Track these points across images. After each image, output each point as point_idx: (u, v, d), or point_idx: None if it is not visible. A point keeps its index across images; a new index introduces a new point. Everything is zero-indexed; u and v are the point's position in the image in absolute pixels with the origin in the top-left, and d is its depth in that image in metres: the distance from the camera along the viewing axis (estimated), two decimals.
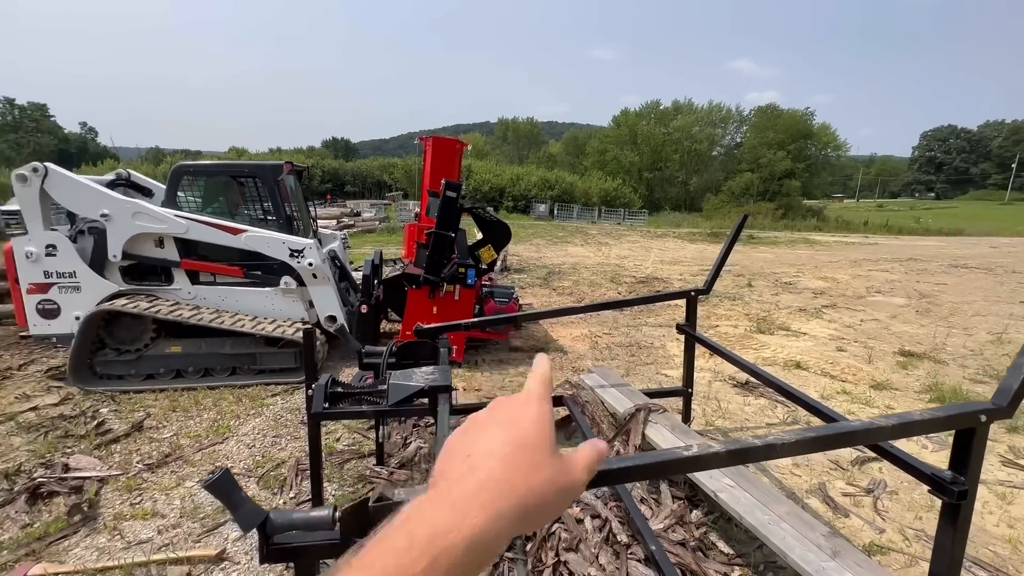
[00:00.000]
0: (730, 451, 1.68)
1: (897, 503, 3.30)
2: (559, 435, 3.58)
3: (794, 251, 19.14)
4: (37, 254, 4.98)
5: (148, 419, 4.31)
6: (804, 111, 51.25)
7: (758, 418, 4.53)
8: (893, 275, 13.10)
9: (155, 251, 5.25)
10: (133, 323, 5.02)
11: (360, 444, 3.91)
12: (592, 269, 13.23)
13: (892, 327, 7.88)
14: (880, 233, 30.34)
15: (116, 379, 5.02)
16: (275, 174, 5.35)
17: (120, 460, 3.68)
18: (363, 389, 2.69)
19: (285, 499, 3.24)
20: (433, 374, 2.76)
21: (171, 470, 3.57)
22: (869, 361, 6.13)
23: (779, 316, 8.36)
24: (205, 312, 5.08)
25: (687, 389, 3.98)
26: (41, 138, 65.76)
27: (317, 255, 5.24)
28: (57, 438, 3.98)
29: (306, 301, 5.49)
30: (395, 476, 3.46)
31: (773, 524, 2.33)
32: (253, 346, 5.13)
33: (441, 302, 5.37)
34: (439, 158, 8.01)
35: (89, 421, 4.26)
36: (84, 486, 3.30)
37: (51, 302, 5.09)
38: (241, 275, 5.37)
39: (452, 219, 5.25)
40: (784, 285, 11.45)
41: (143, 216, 5.06)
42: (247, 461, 3.70)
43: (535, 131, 68.83)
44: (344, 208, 25.44)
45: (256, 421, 4.32)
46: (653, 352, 6.45)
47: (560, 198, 39.71)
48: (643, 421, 3.35)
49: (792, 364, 5.97)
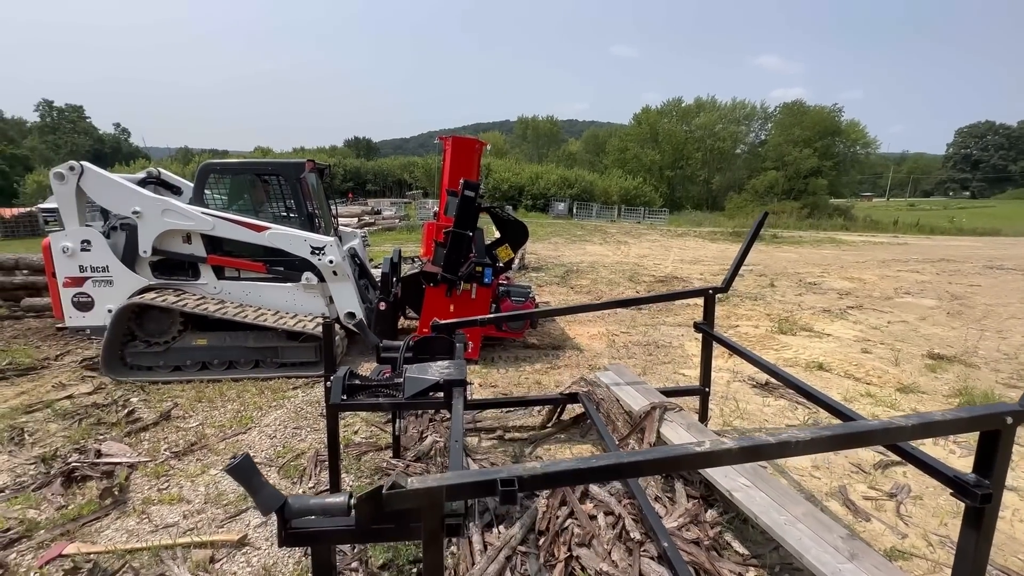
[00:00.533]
0: (743, 448, 1.67)
1: (921, 508, 3.22)
2: (575, 432, 3.58)
3: (819, 251, 18.68)
4: (73, 249, 5.20)
5: (175, 409, 4.47)
6: (832, 107, 49.91)
7: (777, 419, 4.45)
8: (924, 276, 12.68)
9: (183, 247, 5.43)
10: (161, 316, 5.20)
11: (377, 437, 3.98)
12: (611, 268, 13.15)
13: (921, 329, 7.64)
14: (911, 233, 29.36)
15: (145, 370, 5.21)
16: (297, 172, 5.47)
17: (149, 447, 3.82)
18: (380, 382, 2.74)
19: (304, 488, 3.32)
20: (448, 368, 2.80)
21: (196, 458, 3.69)
22: (896, 364, 5.96)
23: (802, 317, 8.19)
24: (230, 306, 5.23)
25: (704, 388, 3.94)
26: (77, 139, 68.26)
27: (337, 252, 5.34)
28: (90, 425, 4.15)
29: (326, 297, 5.60)
30: (411, 469, 3.51)
31: (789, 525, 2.30)
32: (275, 340, 5.26)
33: (458, 300, 5.42)
34: (459, 157, 8.09)
35: (120, 410, 4.44)
36: (115, 471, 3.44)
37: (85, 295, 5.31)
38: (264, 271, 5.51)
39: (470, 218, 5.30)
40: (808, 285, 11.20)
41: (172, 213, 5.23)
42: (268, 451, 3.80)
43: (555, 130, 68.51)
44: (365, 206, 25.78)
45: (278, 413, 4.44)
46: (671, 351, 6.39)
47: (579, 197, 39.51)
48: (658, 419, 3.33)
49: (814, 365, 5.84)
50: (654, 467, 1.73)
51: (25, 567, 2.61)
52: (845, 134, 50.03)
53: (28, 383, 5.09)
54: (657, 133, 53.47)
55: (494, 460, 3.64)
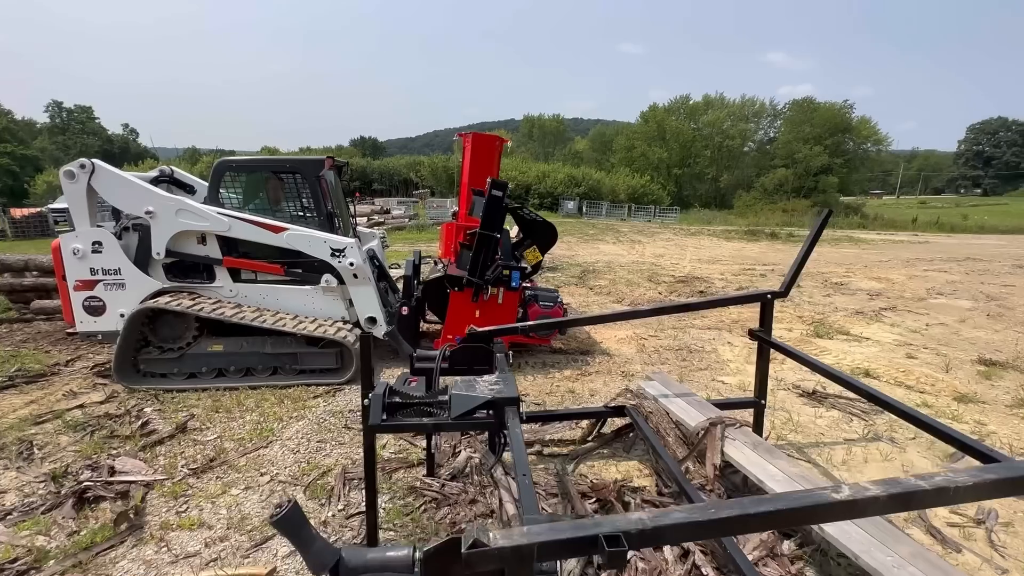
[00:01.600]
0: (891, 495, 1.37)
1: (1015, 537, 2.91)
2: (618, 446, 3.27)
3: (839, 250, 18.27)
4: (83, 251, 4.97)
5: (191, 420, 4.22)
6: (842, 104, 49.22)
7: (834, 432, 4.15)
8: (953, 276, 12.29)
9: (198, 248, 5.19)
10: (176, 321, 4.96)
11: (407, 452, 3.72)
12: (627, 268, 12.84)
13: (963, 332, 7.30)
14: (930, 231, 28.79)
15: (159, 377, 4.98)
16: (316, 169, 5.21)
17: (165, 463, 3.57)
18: (423, 400, 2.47)
19: (333, 511, 3.06)
20: (498, 384, 2.53)
21: (216, 476, 3.44)
22: (947, 370, 5.63)
23: (835, 319, 7.86)
24: (247, 311, 4.98)
25: (760, 401, 3.65)
26: (87, 139, 68.52)
27: (358, 255, 5.09)
28: (103, 438, 3.92)
29: (346, 300, 5.34)
30: (447, 489, 3.25)
31: (899, 568, 2.01)
32: (294, 345, 5.01)
33: (484, 305, 5.14)
34: (479, 155, 7.78)
35: (134, 421, 4.20)
36: (130, 491, 3.20)
37: (97, 299, 5.08)
38: (282, 273, 5.26)
39: (497, 219, 5.02)
40: (835, 286, 10.85)
41: (186, 213, 4.99)
42: (292, 468, 3.54)
43: (561, 128, 68.08)
44: (374, 206, 25.57)
45: (299, 424, 4.18)
46: (705, 357, 6.09)
47: (587, 195, 39.15)
48: (720, 437, 3.04)
49: (860, 372, 5.53)
50: (786, 519, 1.44)
51: None
52: (856, 131, 49.34)
53: (38, 391, 4.87)
54: (664, 131, 52.94)
55: (536, 479, 3.36)
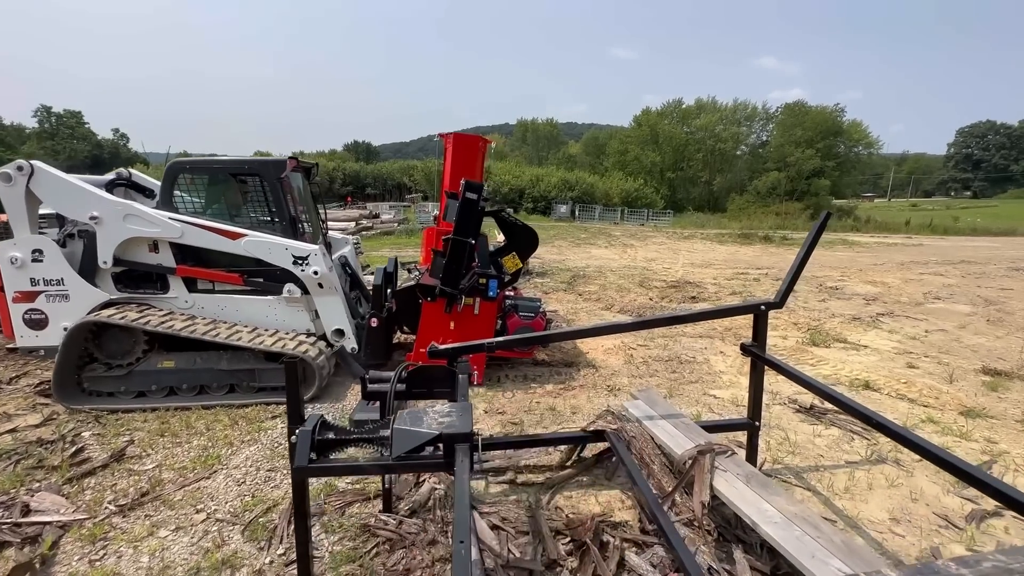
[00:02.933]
0: None
1: None
2: (599, 473, 2.90)
3: (833, 253, 18.05)
4: (22, 260, 4.57)
5: (131, 446, 3.83)
6: (833, 107, 49.38)
7: (834, 454, 3.82)
8: (949, 279, 12.05)
9: (149, 256, 4.80)
10: (122, 335, 4.57)
11: (365, 483, 3.34)
12: (618, 272, 12.52)
13: (964, 339, 7.02)
14: (923, 233, 28.72)
15: (106, 396, 4.59)
16: (278, 171, 4.84)
17: (91, 499, 3.18)
18: (361, 435, 2.12)
19: (272, 556, 2.69)
20: (449, 415, 2.17)
21: (145, 513, 3.05)
22: (950, 381, 5.33)
23: (832, 326, 7.56)
24: (200, 323, 4.60)
25: (754, 422, 3.30)
26: (76, 144, 67.70)
27: (323, 263, 4.72)
28: (28, 468, 3.52)
29: (311, 311, 4.98)
30: (404, 527, 2.88)
31: None
32: (252, 361, 4.64)
33: (459, 317, 4.78)
34: (460, 156, 7.47)
35: (67, 447, 3.79)
36: (42, 534, 2.81)
37: (38, 312, 4.68)
38: (241, 282, 4.88)
39: (471, 224, 4.66)
40: (830, 290, 10.57)
41: (135, 219, 4.61)
42: (234, 502, 3.16)
43: (554, 132, 67.90)
44: (364, 210, 25.19)
45: (251, 450, 3.80)
46: (696, 368, 5.75)
47: (580, 199, 38.92)
48: (709, 469, 2.70)
49: (859, 384, 5.21)
50: None
51: None
52: (847, 134, 49.49)
53: None
54: (657, 135, 52.91)
55: (505, 514, 3.00)
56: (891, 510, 3.13)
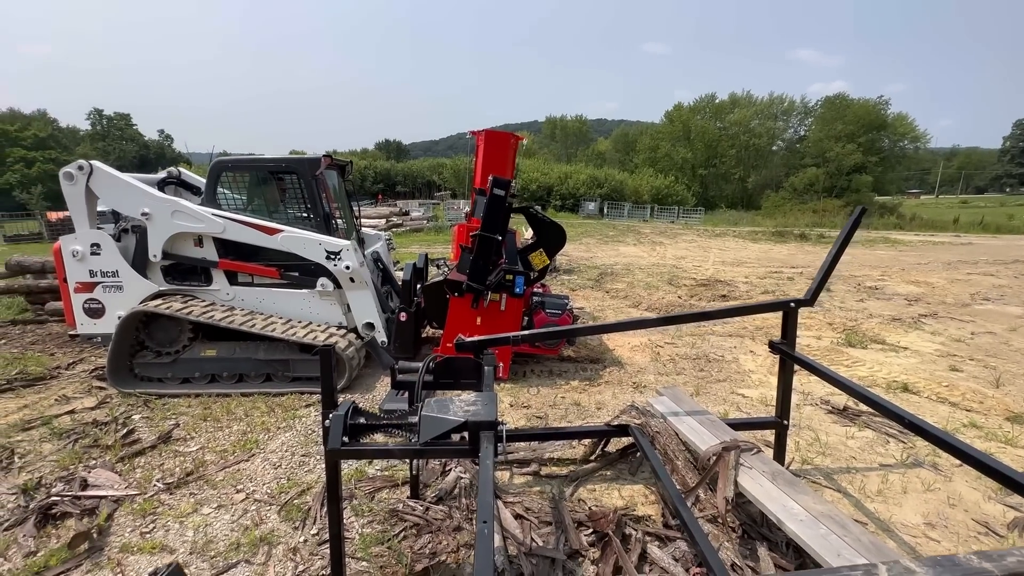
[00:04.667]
0: None
1: None
2: (623, 467, 2.93)
3: (873, 252, 17.35)
4: (83, 253, 4.92)
5: (177, 429, 4.07)
6: (877, 100, 47.26)
7: (867, 456, 3.72)
8: (1000, 279, 11.43)
9: (195, 251, 5.08)
10: (170, 325, 4.85)
11: (394, 470, 3.46)
12: (647, 270, 12.39)
13: (1013, 342, 6.67)
14: (973, 231, 27.22)
15: (155, 381, 4.88)
16: (312, 169, 5.03)
17: (141, 476, 3.40)
18: (391, 420, 2.21)
19: (306, 536, 2.82)
20: (475, 404, 2.24)
21: (190, 492, 3.25)
22: (996, 385, 5.09)
23: (870, 327, 7.30)
24: (237, 314, 4.83)
25: (782, 421, 3.26)
26: (125, 145, 71.19)
27: (355, 258, 4.88)
28: (85, 447, 3.79)
29: (344, 304, 5.15)
30: (431, 513, 2.98)
31: None
32: (287, 352, 4.84)
33: (485, 312, 4.86)
34: (492, 153, 7.52)
35: (120, 429, 4.06)
36: (98, 507, 3.03)
37: (96, 301, 5.02)
38: (278, 276, 5.10)
39: (499, 220, 4.72)
40: (869, 290, 10.19)
41: (182, 215, 4.88)
42: (271, 484, 3.33)
43: (584, 129, 67.40)
44: (394, 208, 25.65)
45: (286, 436, 3.98)
46: (724, 367, 5.67)
47: (609, 196, 38.55)
48: (734, 465, 2.69)
49: (897, 386, 5.03)
50: None
51: None
52: (891, 128, 47.32)
53: (33, 395, 4.81)
54: (689, 130, 51.85)
55: (529, 504, 3.06)
56: (926, 514, 3.04)
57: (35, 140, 52.00)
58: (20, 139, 51.21)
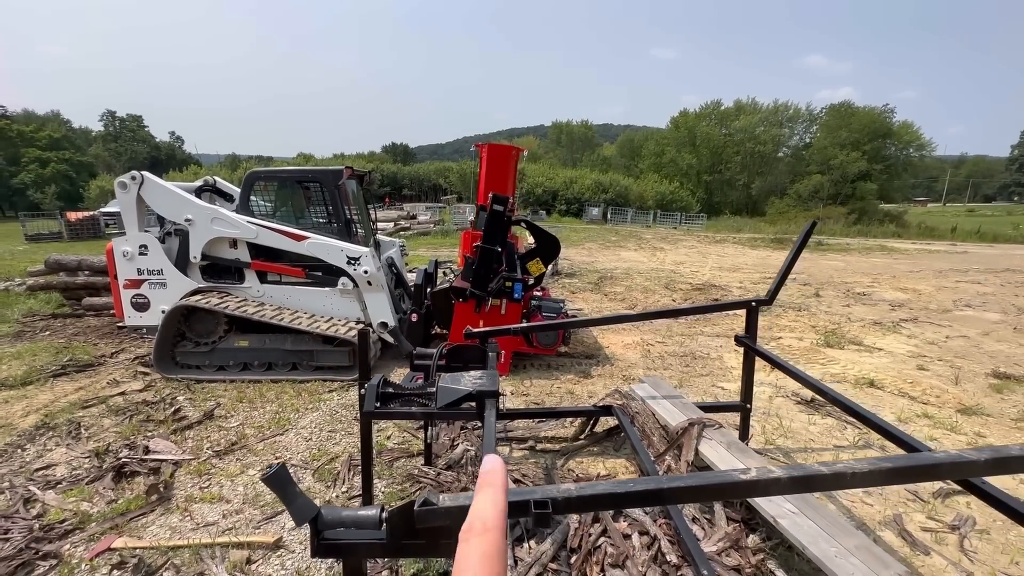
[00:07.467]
0: (793, 478, 1.55)
1: (988, 543, 2.97)
2: (608, 445, 3.49)
3: (868, 259, 17.77)
4: (132, 253, 5.50)
5: (218, 408, 4.63)
6: (882, 108, 47.56)
7: (824, 439, 4.22)
8: (986, 287, 11.85)
9: (230, 252, 5.65)
10: (207, 317, 5.42)
11: (409, 443, 4.01)
12: (646, 275, 12.90)
13: (984, 345, 7.13)
14: (970, 240, 27.53)
15: (194, 369, 5.44)
16: (336, 179, 5.61)
17: (193, 445, 3.97)
18: (413, 391, 2.75)
19: (337, 493, 3.37)
20: (481, 379, 2.77)
21: (236, 458, 3.80)
22: (956, 382, 5.57)
23: (851, 329, 7.78)
24: (268, 309, 5.39)
25: (745, 404, 3.77)
26: (136, 146, 72.46)
27: (372, 263, 5.43)
28: (140, 422, 4.35)
29: (362, 301, 5.70)
30: (441, 477, 3.51)
31: (841, 558, 2.16)
32: (311, 343, 5.39)
33: (487, 316, 5.40)
34: (494, 165, 8.07)
35: (168, 408, 4.63)
36: (161, 468, 3.59)
37: (142, 296, 5.60)
38: (303, 276, 5.67)
39: (498, 233, 5.28)
40: (857, 296, 10.65)
41: (220, 221, 5.45)
42: (304, 454, 3.88)
43: (589, 134, 68.03)
44: (401, 211, 26.29)
45: (314, 415, 4.53)
46: (709, 363, 6.18)
47: (614, 201, 39.07)
48: (696, 436, 3.21)
49: (864, 382, 5.52)
50: (695, 494, 1.63)
51: (77, 558, 2.74)
52: (897, 136, 47.57)
53: (86, 379, 5.39)
54: (695, 136, 52.32)
55: (525, 471, 3.59)
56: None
57: (49, 141, 53.12)
58: (35, 140, 52.39)
